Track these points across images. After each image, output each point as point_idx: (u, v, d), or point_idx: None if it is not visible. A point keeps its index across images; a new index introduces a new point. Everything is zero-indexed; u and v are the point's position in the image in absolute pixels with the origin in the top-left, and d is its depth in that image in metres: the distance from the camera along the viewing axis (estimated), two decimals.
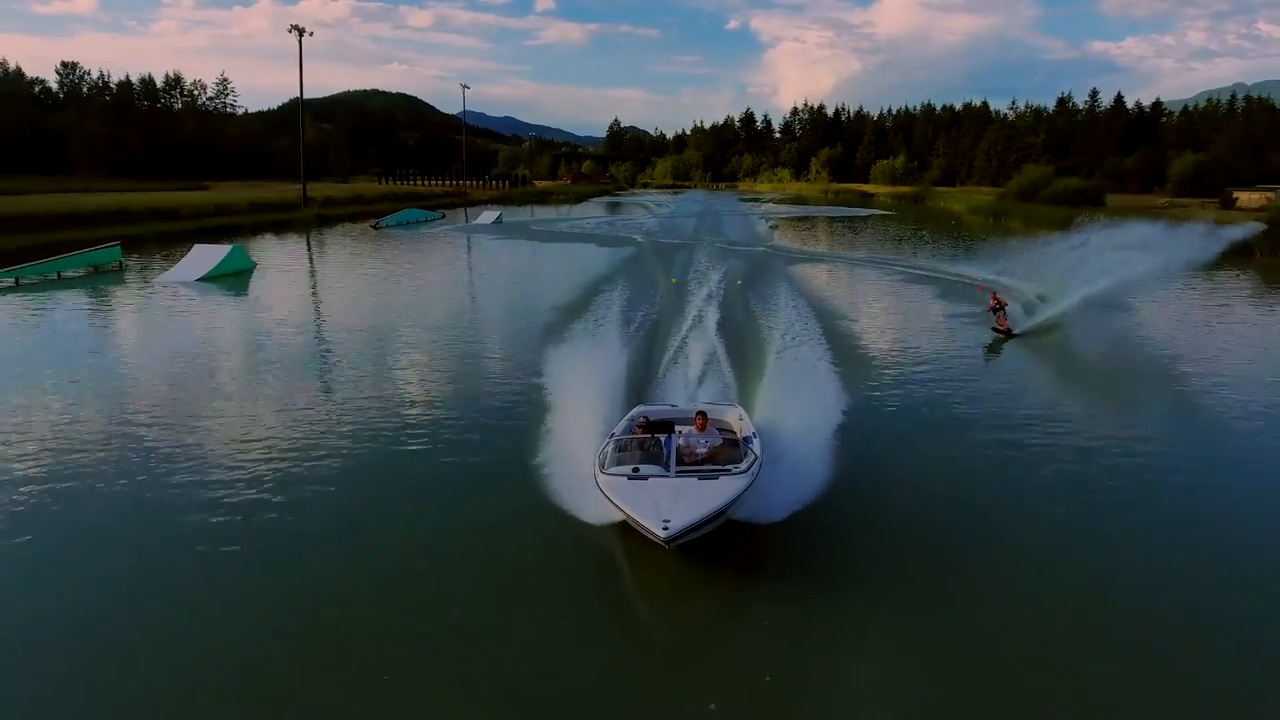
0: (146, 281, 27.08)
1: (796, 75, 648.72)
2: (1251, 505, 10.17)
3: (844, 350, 17.96)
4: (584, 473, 9.25)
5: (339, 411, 13.25)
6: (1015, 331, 20.07)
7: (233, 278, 27.43)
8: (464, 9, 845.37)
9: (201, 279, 26.41)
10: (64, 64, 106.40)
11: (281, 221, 47.48)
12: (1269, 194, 59.40)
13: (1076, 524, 9.31)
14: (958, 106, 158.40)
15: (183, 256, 28.77)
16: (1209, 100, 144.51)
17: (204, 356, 16.87)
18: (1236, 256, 37.60)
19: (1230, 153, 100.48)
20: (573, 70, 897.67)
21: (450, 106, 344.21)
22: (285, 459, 10.89)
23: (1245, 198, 60.97)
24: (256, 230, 42.49)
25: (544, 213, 72.36)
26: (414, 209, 57.93)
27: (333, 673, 6.40)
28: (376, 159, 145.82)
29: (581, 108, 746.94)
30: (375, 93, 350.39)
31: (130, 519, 9.13)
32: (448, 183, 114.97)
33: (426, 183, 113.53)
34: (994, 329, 20.09)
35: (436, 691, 6.21)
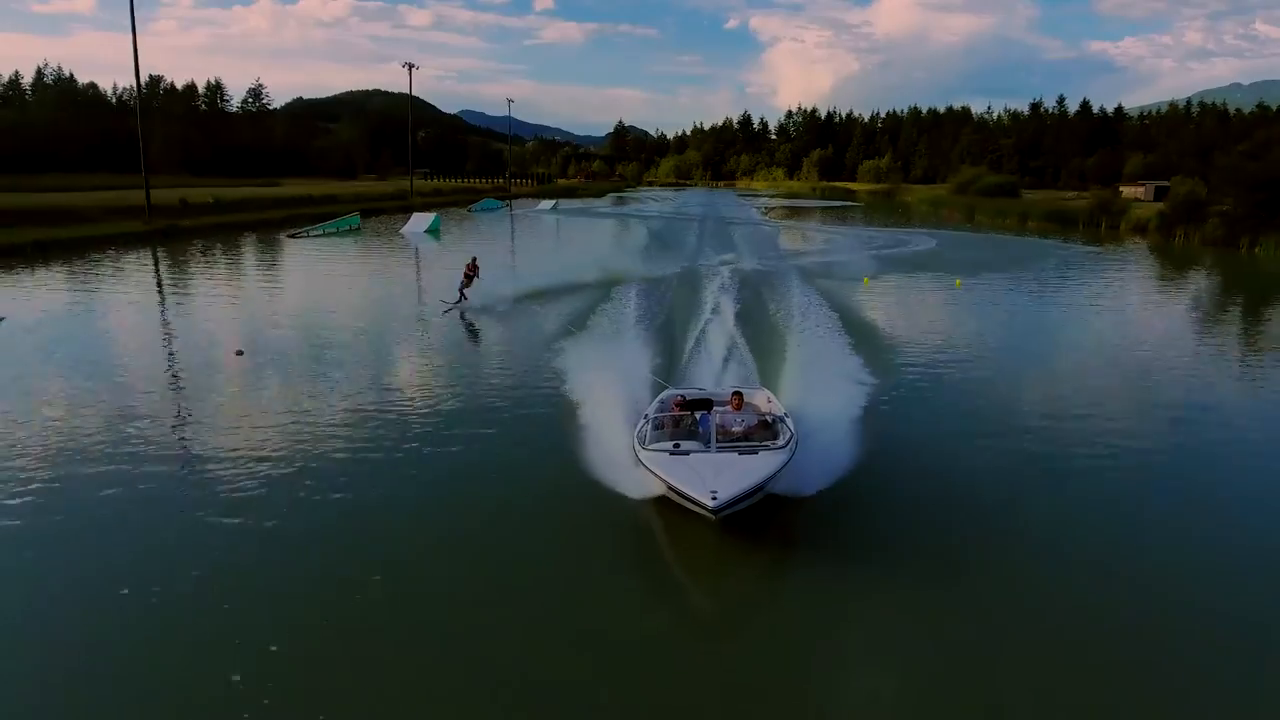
0: (382, 235, 48.15)
1: (795, 75, 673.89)
2: None
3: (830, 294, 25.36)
4: (618, 449, 10.29)
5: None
6: (454, 304, 21.68)
7: (435, 232, 48.70)
8: (463, 8, 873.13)
9: (426, 231, 47.78)
10: (151, 76, 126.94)
11: (402, 206, 68.52)
12: (1142, 186, 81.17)
13: (1102, 503, 10.06)
14: (941, 110, 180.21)
15: (406, 220, 50.45)
16: (1170, 105, 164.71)
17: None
18: (1069, 227, 59.36)
19: (1178, 154, 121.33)
20: (571, 70, 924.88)
21: (450, 106, 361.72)
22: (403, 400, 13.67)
23: (1127, 190, 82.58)
24: (394, 211, 63.64)
25: (575, 203, 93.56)
26: (490, 199, 79.38)
27: (384, 643, 6.85)
28: (393, 158, 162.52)
29: (580, 107, 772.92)
30: (377, 92, 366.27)
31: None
32: (486, 181, 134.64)
33: (474, 181, 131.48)
34: (448, 300, 21.85)
35: (481, 661, 6.68)
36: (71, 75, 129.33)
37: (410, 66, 77.23)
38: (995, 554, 8.73)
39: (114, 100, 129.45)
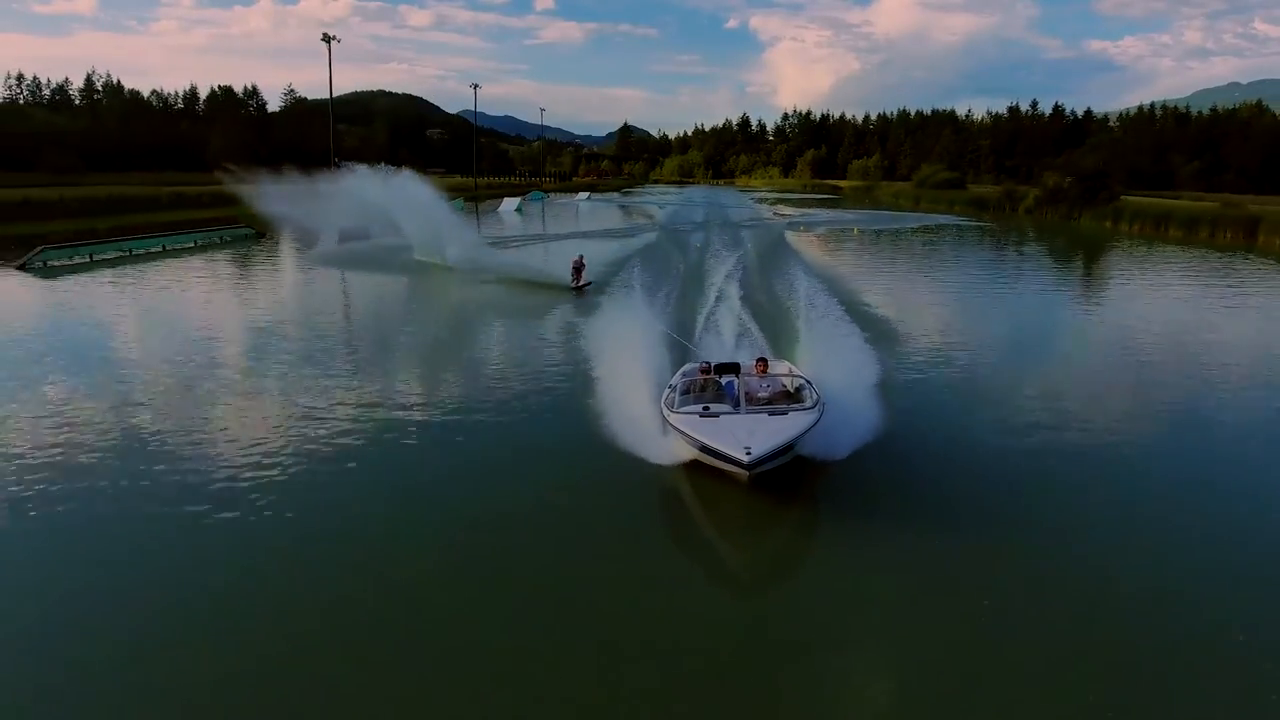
0: (483, 213, 72.32)
1: (795, 75, 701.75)
2: None
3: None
4: (642, 414, 11.47)
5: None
6: (582, 285, 25.89)
7: (520, 211, 73.10)
8: (464, 8, 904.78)
9: (514, 210, 72.24)
10: (220, 87, 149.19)
11: (471, 196, 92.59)
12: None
13: (1121, 474, 11.07)
14: (927, 112, 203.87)
15: (500, 202, 75.19)
16: (1138, 109, 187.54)
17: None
18: (982, 209, 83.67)
19: (1134, 153, 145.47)
20: (571, 69, 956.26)
21: (452, 106, 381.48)
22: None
23: None
24: (468, 201, 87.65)
25: (600, 196, 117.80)
26: (536, 191, 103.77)
27: (439, 607, 7.58)
28: (409, 158, 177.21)
29: (580, 106, 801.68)
30: (382, 93, 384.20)
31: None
32: (518, 178, 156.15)
33: (505, 179, 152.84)
34: (572, 287, 25.75)
35: (520, 623, 7.30)
36: (119, 82, 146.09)
37: (475, 87, 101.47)
38: (1019, 522, 9.45)
39: (159, 105, 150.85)
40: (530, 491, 10.23)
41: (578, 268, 26.65)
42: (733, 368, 12.01)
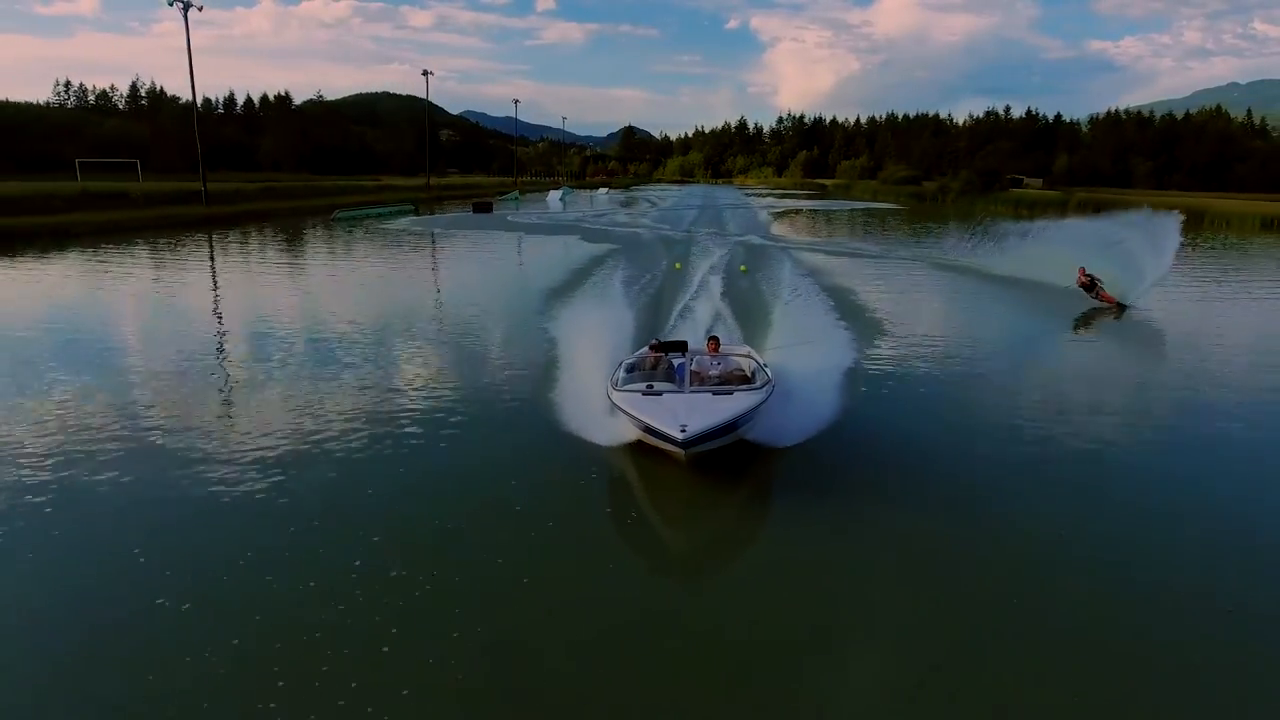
0: (535, 204, 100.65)
1: (796, 75, 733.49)
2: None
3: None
4: (593, 390, 12.09)
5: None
6: (1125, 303, 23.48)
7: (565, 201, 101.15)
8: (465, 9, 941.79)
9: (560, 200, 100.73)
10: (274, 96, 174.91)
11: (509, 193, 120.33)
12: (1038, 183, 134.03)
13: (1071, 462, 11.64)
14: (913, 115, 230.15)
15: (546, 194, 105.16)
16: (1107, 112, 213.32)
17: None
18: (920, 199, 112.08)
19: (1096, 154, 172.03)
20: (572, 70, 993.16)
21: (454, 107, 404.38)
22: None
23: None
24: (505, 194, 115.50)
25: (613, 193, 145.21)
26: (566, 187, 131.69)
27: (371, 589, 7.88)
28: (422, 159, 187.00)
29: (581, 107, 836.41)
30: (386, 94, 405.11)
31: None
32: (530, 178, 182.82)
33: (526, 177, 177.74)
34: (1109, 305, 23.47)
35: (454, 604, 7.64)
36: (162, 89, 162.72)
37: (516, 102, 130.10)
38: (960, 509, 9.86)
39: (198, 109, 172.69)
40: (473, 476, 10.78)
41: (1089, 287, 24.41)
42: (680, 345, 12.66)
